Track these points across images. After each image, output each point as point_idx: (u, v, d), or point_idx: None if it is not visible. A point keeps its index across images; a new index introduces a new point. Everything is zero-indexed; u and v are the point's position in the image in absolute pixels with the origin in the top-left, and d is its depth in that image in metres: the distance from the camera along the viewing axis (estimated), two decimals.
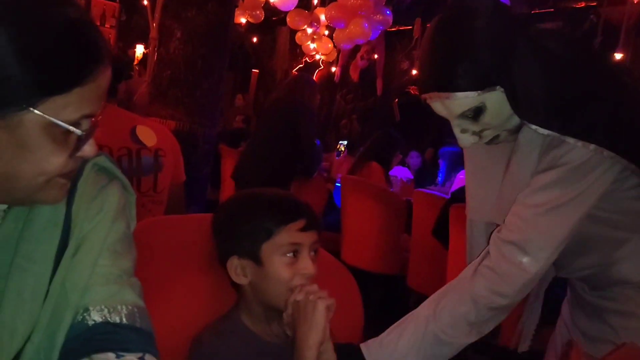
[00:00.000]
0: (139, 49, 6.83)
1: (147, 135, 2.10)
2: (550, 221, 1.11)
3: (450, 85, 1.10)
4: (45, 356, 0.75)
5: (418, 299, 4.15)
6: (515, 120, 1.14)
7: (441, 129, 6.22)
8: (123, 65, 2.31)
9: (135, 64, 6.76)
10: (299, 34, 6.35)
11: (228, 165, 4.93)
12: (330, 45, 6.10)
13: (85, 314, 0.78)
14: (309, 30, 6.19)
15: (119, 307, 0.80)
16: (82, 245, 0.81)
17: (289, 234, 1.12)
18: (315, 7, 6.00)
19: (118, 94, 2.23)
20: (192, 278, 1.21)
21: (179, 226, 1.29)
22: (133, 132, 2.07)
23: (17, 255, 0.76)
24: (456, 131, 1.16)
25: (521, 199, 1.15)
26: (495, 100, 1.11)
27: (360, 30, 5.19)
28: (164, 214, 2.18)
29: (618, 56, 5.20)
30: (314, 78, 10.37)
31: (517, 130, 1.17)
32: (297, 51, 8.03)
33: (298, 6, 5.76)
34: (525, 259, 1.11)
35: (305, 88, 4.01)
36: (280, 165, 3.79)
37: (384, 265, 3.87)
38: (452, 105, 1.12)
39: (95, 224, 0.82)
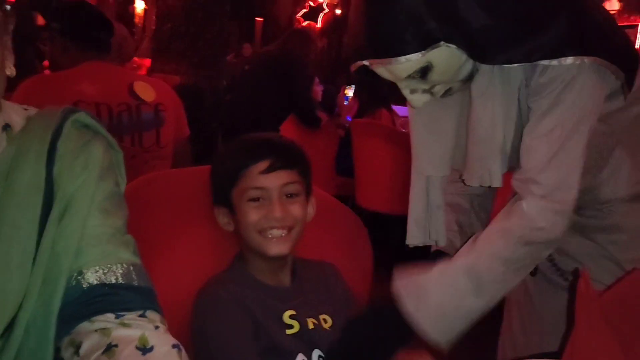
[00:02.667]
0: (140, 5, 6.73)
1: (146, 90, 2.09)
2: (566, 150, 1.05)
3: (389, 51, 1.01)
4: (43, 322, 0.74)
5: None
6: (467, 68, 1.06)
7: None
8: (96, 10, 2.30)
9: (137, 22, 6.67)
10: None
11: None
12: None
13: (79, 277, 0.77)
14: None
15: (114, 267, 0.79)
16: (70, 207, 0.78)
17: (251, 178, 1.09)
18: None
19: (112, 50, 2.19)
20: (195, 232, 1.19)
21: (179, 180, 1.27)
22: (131, 88, 2.07)
23: (1, 223, 0.74)
24: (405, 93, 1.09)
25: (530, 132, 1.07)
26: (442, 56, 1.02)
27: None
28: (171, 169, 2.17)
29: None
30: (320, 22, 10.20)
31: (470, 78, 1.09)
32: None
33: None
34: (555, 193, 1.05)
35: (298, 41, 3.96)
36: (267, 115, 3.77)
37: (401, 205, 3.85)
38: (396, 69, 1.04)
39: (80, 183, 0.79)
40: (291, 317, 1.10)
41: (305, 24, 9.57)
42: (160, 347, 0.74)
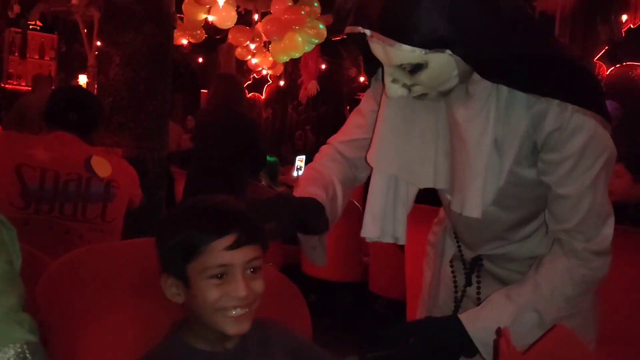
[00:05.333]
0: (82, 79, 6.71)
1: (102, 166, 2.12)
2: (598, 200, 1.14)
3: (398, 34, 1.00)
4: None
5: (384, 303, 4.16)
6: (452, 83, 1.09)
7: None
8: (79, 94, 2.36)
9: None
10: (238, 50, 6.34)
11: (181, 188, 4.87)
12: (271, 59, 6.11)
13: None
14: (252, 46, 6.18)
15: (6, 347, 0.76)
16: None
17: (215, 254, 0.99)
18: (256, 22, 5.99)
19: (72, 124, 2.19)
20: (130, 307, 1.16)
21: (114, 253, 1.25)
22: (87, 161, 2.09)
23: None
24: (387, 79, 1.09)
25: (562, 185, 1.14)
26: (440, 62, 1.04)
27: (294, 44, 5.25)
28: None
29: None
30: (264, 93, 10.39)
31: (448, 92, 1.12)
32: (244, 68, 8.01)
33: (238, 23, 5.74)
34: (597, 238, 1.15)
35: (227, 85, 4.07)
36: (235, 181, 3.80)
37: (346, 272, 3.86)
38: (393, 53, 1.03)
39: None
40: None
41: (249, 95, 9.73)
42: None
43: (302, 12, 5.27)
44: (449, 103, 1.16)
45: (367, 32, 1.04)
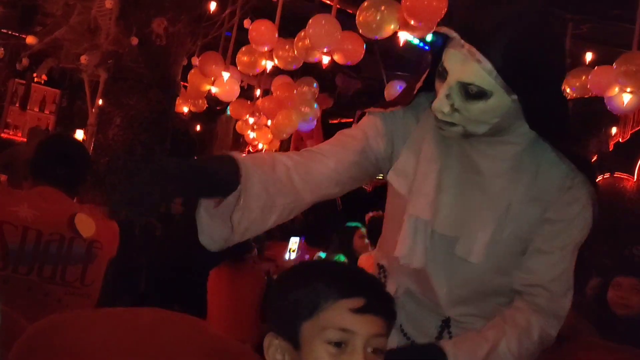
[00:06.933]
0: (79, 134, 6.74)
1: (86, 225, 2.04)
2: (571, 265, 1.23)
3: (494, 55, 1.01)
4: None
5: None
6: (482, 129, 1.11)
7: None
8: (68, 146, 2.31)
9: None
10: (239, 123, 6.45)
11: None
12: (269, 135, 6.21)
13: None
14: (251, 120, 6.29)
15: None
16: None
17: (337, 314, 0.88)
18: (258, 98, 6.12)
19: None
20: None
21: (90, 323, 1.21)
22: (71, 220, 2.01)
23: None
24: (442, 91, 1.08)
25: (546, 241, 1.21)
26: (500, 102, 1.06)
27: (287, 122, 5.35)
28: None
29: None
30: None
31: (468, 136, 1.13)
32: (240, 140, 8.10)
33: (240, 96, 5.86)
34: (560, 300, 1.23)
35: None
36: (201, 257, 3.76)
37: None
38: (471, 69, 1.04)
39: None
40: None
41: None
42: None
43: (295, 91, 5.41)
44: (467, 149, 1.19)
45: (455, 35, 1.05)
